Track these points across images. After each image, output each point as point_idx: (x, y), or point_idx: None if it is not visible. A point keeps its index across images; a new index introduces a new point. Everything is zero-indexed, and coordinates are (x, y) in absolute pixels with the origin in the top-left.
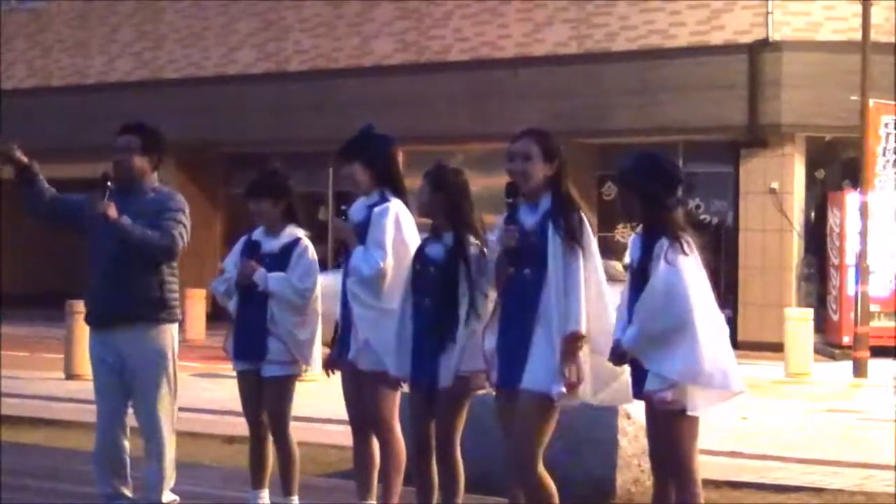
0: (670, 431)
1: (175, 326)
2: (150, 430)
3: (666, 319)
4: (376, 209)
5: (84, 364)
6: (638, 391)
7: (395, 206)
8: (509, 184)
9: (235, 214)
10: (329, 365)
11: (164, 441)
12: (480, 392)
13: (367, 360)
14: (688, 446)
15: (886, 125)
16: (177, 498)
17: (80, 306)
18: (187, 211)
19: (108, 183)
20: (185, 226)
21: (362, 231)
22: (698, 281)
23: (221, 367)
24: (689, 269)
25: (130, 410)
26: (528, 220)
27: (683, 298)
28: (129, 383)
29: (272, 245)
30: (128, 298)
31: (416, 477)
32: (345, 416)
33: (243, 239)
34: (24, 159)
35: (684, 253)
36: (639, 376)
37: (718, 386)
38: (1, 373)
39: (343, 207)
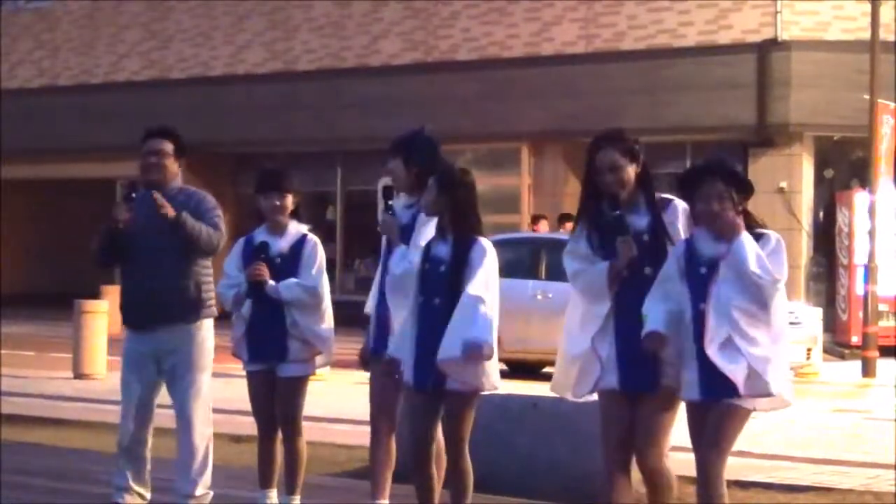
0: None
1: (211, 321)
2: (188, 425)
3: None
4: (423, 215)
5: (92, 363)
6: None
7: None
8: (610, 195)
9: (244, 214)
10: (364, 359)
11: (202, 434)
12: (487, 392)
13: None
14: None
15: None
16: (211, 492)
17: (88, 306)
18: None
19: (133, 194)
20: (222, 222)
21: (407, 233)
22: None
23: (230, 367)
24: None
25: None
26: (638, 221)
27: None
28: (168, 381)
29: (280, 245)
30: (168, 302)
31: (416, 477)
32: (351, 414)
33: (242, 240)
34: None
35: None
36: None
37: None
38: (1, 371)
39: (391, 203)
